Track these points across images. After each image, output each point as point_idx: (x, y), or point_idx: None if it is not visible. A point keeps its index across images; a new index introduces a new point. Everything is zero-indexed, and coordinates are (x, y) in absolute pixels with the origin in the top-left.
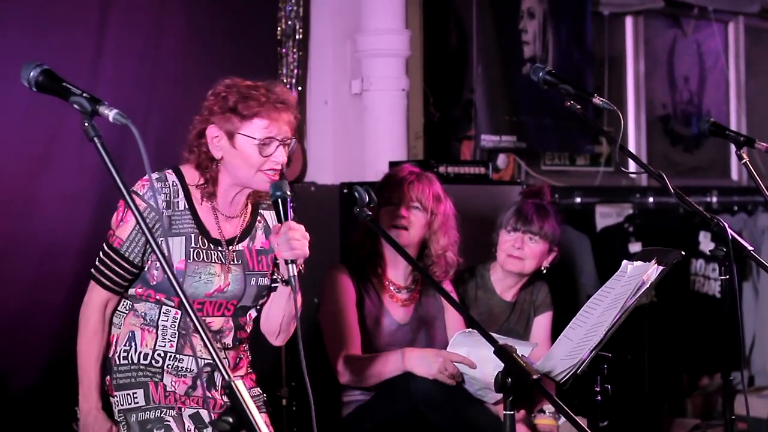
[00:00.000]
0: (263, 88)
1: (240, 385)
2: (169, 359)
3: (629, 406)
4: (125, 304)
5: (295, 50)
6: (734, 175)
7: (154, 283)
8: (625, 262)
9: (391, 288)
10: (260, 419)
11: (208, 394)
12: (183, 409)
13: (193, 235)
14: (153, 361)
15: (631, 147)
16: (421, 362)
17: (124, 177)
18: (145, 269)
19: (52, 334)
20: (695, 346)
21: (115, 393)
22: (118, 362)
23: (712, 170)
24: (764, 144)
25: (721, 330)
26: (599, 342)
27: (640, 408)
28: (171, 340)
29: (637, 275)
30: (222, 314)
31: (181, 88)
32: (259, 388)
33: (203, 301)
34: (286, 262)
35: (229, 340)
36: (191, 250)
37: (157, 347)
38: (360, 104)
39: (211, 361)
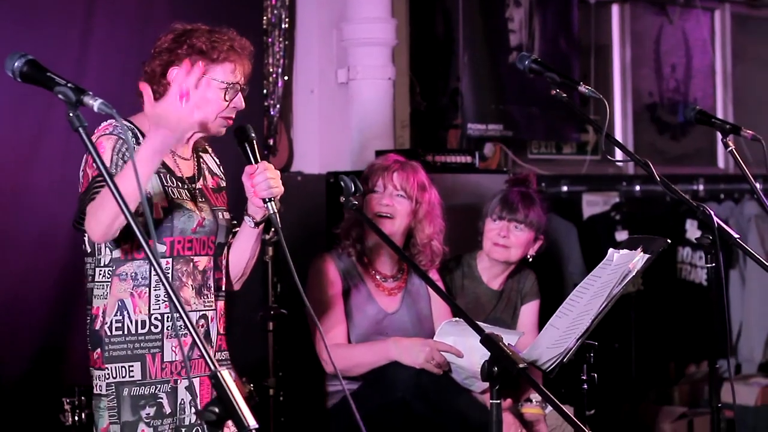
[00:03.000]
0: (225, 33)
1: (226, 375)
2: (168, 320)
3: (616, 395)
4: (103, 272)
5: (281, 40)
6: (721, 163)
7: (160, 216)
8: (611, 250)
9: (378, 277)
10: (247, 409)
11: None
12: (179, 381)
13: (162, 174)
14: (152, 327)
15: (618, 135)
16: (408, 351)
17: (109, 168)
18: None
19: (41, 326)
20: (682, 334)
21: (106, 365)
22: (109, 333)
23: (698, 158)
24: (750, 132)
25: (707, 318)
26: (586, 330)
27: (626, 396)
28: (165, 300)
29: (623, 263)
30: (206, 253)
31: None
32: (227, 352)
33: (191, 238)
34: (264, 201)
35: (212, 282)
36: (167, 188)
37: (152, 311)
38: (346, 93)
39: (206, 311)
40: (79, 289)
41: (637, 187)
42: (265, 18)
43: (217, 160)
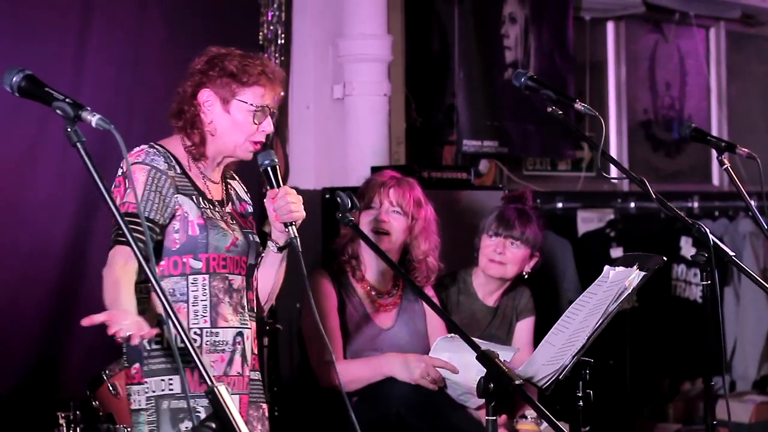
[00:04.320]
0: (257, 58)
1: (223, 391)
2: (206, 335)
3: (611, 412)
4: (140, 289)
5: (277, 55)
6: (715, 181)
7: (177, 247)
8: (606, 267)
9: (373, 293)
10: (243, 426)
11: (239, 370)
12: None
13: (194, 196)
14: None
15: (613, 152)
16: (403, 367)
17: (106, 182)
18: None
19: (34, 338)
20: (677, 351)
21: (146, 379)
22: (149, 348)
23: (693, 175)
24: (745, 149)
25: (702, 335)
26: (581, 347)
27: (622, 413)
28: (204, 315)
29: (618, 280)
30: (239, 273)
31: (163, 93)
32: (260, 372)
33: (225, 256)
34: (286, 225)
35: (245, 302)
36: (201, 208)
37: (191, 325)
38: (342, 109)
39: (242, 329)
40: (74, 302)
41: (632, 204)
42: (261, 34)
43: (245, 188)
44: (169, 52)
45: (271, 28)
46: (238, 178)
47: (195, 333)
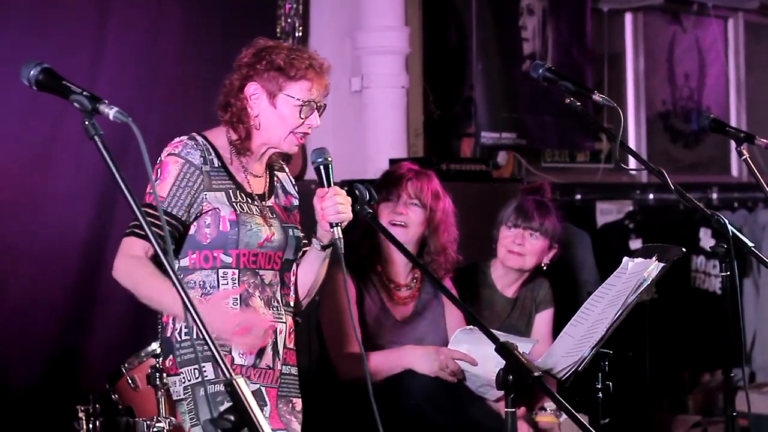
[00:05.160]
0: (305, 51)
1: (242, 383)
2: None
3: (630, 403)
4: None
5: None
6: (734, 172)
7: (208, 241)
8: (625, 258)
9: (391, 286)
10: (263, 418)
11: (270, 363)
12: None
13: (230, 190)
14: None
15: (631, 144)
16: (422, 360)
17: (124, 175)
18: (193, 231)
19: (52, 333)
20: (696, 343)
21: (180, 370)
22: (179, 339)
23: (712, 166)
24: (764, 140)
25: (721, 326)
26: (600, 339)
27: (641, 405)
28: (234, 308)
29: (637, 272)
30: (272, 268)
31: (180, 86)
32: (296, 368)
33: (257, 252)
34: (331, 225)
35: (279, 296)
36: (234, 203)
37: None
38: (360, 102)
39: (275, 323)
40: (93, 296)
41: (651, 196)
42: (278, 26)
43: (293, 180)
44: (187, 45)
45: (289, 20)
46: (287, 170)
47: None
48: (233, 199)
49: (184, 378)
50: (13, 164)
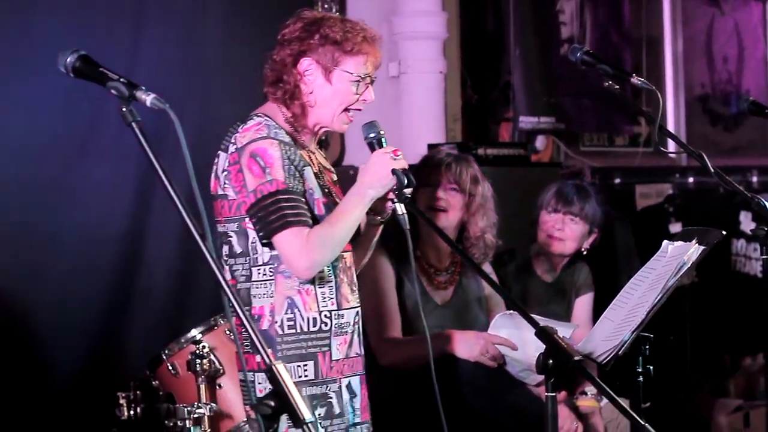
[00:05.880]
0: (356, 23)
1: (281, 369)
2: (335, 318)
3: (671, 387)
4: (263, 271)
5: None
6: None
7: (322, 213)
8: (665, 242)
9: (431, 271)
10: (303, 403)
11: (357, 350)
12: (341, 380)
13: (314, 171)
14: (322, 326)
15: (670, 127)
16: (463, 344)
17: (162, 162)
18: None
19: (93, 321)
20: (737, 326)
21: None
22: (281, 332)
23: (751, 149)
24: None
25: (762, 310)
26: (640, 323)
27: (682, 389)
28: (330, 297)
29: (677, 255)
30: (348, 249)
31: (218, 72)
32: None
33: None
34: (392, 201)
35: (355, 278)
36: (320, 185)
37: (321, 308)
38: (397, 87)
39: (358, 308)
40: (132, 282)
41: (691, 179)
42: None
43: (324, 154)
44: (225, 32)
45: (326, 5)
46: (321, 146)
47: (324, 316)
48: (318, 179)
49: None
50: (52, 153)
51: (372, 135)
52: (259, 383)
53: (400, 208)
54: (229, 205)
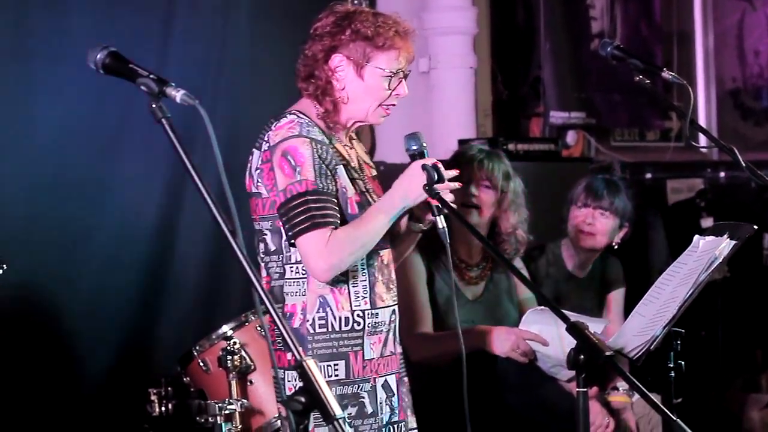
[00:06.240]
0: (389, 17)
1: (312, 365)
2: (368, 317)
3: (703, 382)
4: (296, 269)
5: None
6: None
7: (356, 212)
8: (696, 236)
9: (462, 266)
10: (333, 399)
11: (392, 349)
12: (376, 378)
13: (347, 168)
14: (355, 325)
15: (702, 121)
16: (494, 340)
17: (192, 159)
18: None
19: (124, 317)
20: None
21: None
22: (312, 331)
23: None
24: None
25: None
26: (672, 318)
27: (714, 384)
28: (364, 296)
29: (709, 250)
30: (387, 246)
31: (248, 68)
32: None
33: None
34: (434, 214)
35: (393, 276)
36: (354, 182)
37: (353, 308)
38: (428, 82)
39: (394, 306)
40: (163, 279)
41: (722, 174)
42: None
43: (364, 147)
44: (255, 29)
45: (356, 1)
46: (356, 137)
47: (357, 315)
48: (351, 177)
49: None
50: (84, 149)
51: (414, 147)
52: (289, 381)
53: (441, 222)
54: (263, 203)
